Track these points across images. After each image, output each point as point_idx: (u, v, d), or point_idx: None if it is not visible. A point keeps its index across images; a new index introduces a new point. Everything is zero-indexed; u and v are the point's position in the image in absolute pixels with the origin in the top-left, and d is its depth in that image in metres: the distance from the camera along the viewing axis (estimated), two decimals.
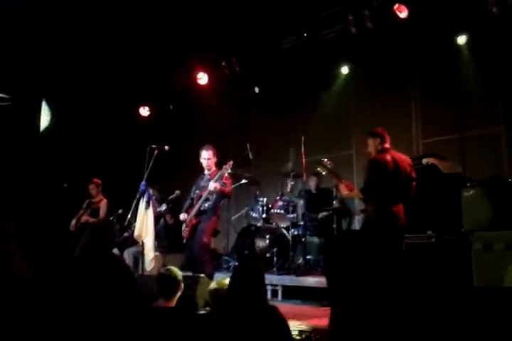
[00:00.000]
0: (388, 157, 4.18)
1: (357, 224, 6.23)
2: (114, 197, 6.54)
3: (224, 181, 4.78)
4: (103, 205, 6.18)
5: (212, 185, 4.68)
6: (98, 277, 1.66)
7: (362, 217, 5.36)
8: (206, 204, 4.81)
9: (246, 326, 2.13)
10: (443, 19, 5.42)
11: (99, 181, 6.32)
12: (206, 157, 4.95)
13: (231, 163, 4.82)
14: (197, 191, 4.97)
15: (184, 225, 4.89)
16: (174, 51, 6.96)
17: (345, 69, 6.60)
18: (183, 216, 4.90)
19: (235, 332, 2.13)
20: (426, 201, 4.71)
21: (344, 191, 4.41)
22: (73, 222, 6.11)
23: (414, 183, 4.28)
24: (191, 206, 4.92)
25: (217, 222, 5.00)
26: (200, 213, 4.81)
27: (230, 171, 4.80)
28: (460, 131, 5.59)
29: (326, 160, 4.51)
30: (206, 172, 5.02)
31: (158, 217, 5.71)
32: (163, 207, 5.83)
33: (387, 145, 4.25)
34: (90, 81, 7.46)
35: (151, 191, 5.14)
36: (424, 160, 4.94)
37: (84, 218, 6.03)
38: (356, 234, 4.32)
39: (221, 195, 4.81)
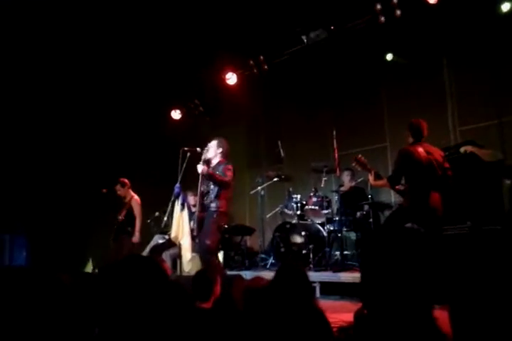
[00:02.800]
0: (420, 148, 4.15)
1: None
2: (149, 200, 6.67)
3: (224, 172, 4.58)
4: (134, 203, 5.94)
5: (200, 167, 4.52)
6: (135, 280, 1.71)
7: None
8: (210, 197, 4.60)
9: (291, 324, 2.12)
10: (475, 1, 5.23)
11: (123, 180, 6.13)
12: (208, 146, 4.81)
13: (227, 166, 4.67)
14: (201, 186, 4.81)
15: (192, 222, 4.79)
16: (202, 53, 7.02)
17: (375, 59, 6.45)
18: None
19: (279, 331, 2.13)
20: (465, 191, 4.57)
21: (372, 180, 4.38)
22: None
23: (449, 173, 4.20)
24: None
25: (223, 218, 4.65)
26: (204, 208, 4.63)
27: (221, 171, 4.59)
28: (498, 117, 5.37)
29: (360, 155, 4.45)
30: (205, 153, 4.82)
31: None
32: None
33: (420, 137, 4.23)
34: (123, 85, 7.63)
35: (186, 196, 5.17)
36: (462, 149, 4.80)
37: (120, 219, 5.87)
38: (393, 229, 4.27)
39: (214, 180, 4.56)
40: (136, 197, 6.09)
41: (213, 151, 4.79)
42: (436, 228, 4.05)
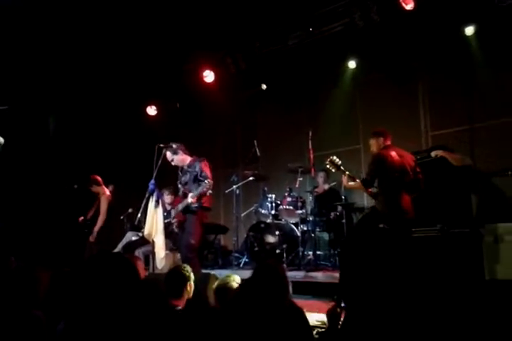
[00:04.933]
0: (393, 152, 4.25)
1: None
2: (123, 196, 6.58)
3: (204, 171, 4.55)
4: (103, 200, 5.84)
5: (189, 200, 4.43)
6: (106, 276, 1.68)
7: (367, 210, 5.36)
8: (193, 205, 4.55)
9: (267, 322, 2.13)
10: (449, 10, 5.37)
11: (94, 177, 6.00)
12: (169, 159, 4.80)
13: (204, 162, 4.66)
14: (179, 186, 4.84)
15: (172, 214, 4.75)
16: (180, 50, 6.97)
17: (351, 64, 6.56)
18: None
19: (255, 329, 2.13)
20: (435, 194, 4.69)
21: (346, 182, 4.45)
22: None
23: (420, 176, 4.29)
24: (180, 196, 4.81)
25: (205, 216, 4.68)
26: (186, 210, 4.60)
27: (200, 170, 4.54)
28: (469, 123, 5.54)
29: (334, 157, 4.50)
30: (180, 171, 4.86)
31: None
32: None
33: (388, 142, 4.36)
34: (97, 81, 7.51)
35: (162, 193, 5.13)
36: (433, 153, 4.92)
37: (89, 215, 5.87)
38: (366, 230, 4.34)
39: (204, 196, 4.51)
40: (107, 193, 5.99)
41: (177, 158, 4.77)
42: (406, 230, 4.14)
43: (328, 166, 4.53)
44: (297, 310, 2.19)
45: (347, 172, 4.42)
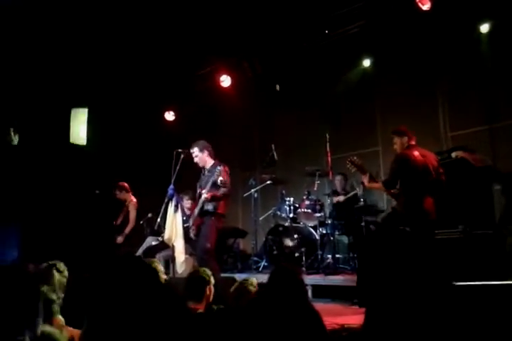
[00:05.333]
0: (416, 152, 4.17)
1: None
2: (143, 201, 6.66)
3: (222, 179, 4.57)
4: (131, 208, 6.05)
5: (204, 197, 4.56)
6: (127, 280, 1.72)
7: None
8: (207, 206, 4.67)
9: (284, 325, 2.13)
10: (466, 9, 5.32)
11: (122, 184, 6.21)
12: (193, 155, 4.84)
13: (225, 168, 4.67)
14: (198, 189, 4.86)
15: (190, 223, 4.80)
16: (196, 55, 7.04)
17: (369, 65, 6.53)
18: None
19: (273, 333, 2.14)
20: (456, 195, 4.63)
21: (367, 182, 4.38)
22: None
23: (443, 177, 4.23)
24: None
25: (220, 222, 4.75)
26: (203, 213, 4.68)
27: (221, 179, 4.54)
28: (488, 123, 5.45)
29: (354, 157, 4.47)
30: (203, 171, 4.89)
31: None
32: None
33: (413, 142, 4.26)
34: (116, 87, 7.62)
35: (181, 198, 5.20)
36: (453, 154, 4.86)
37: (118, 221, 6.06)
38: (386, 232, 4.30)
39: (219, 199, 4.63)
40: (134, 201, 6.15)
41: (201, 157, 4.82)
42: (429, 232, 4.08)
43: (348, 166, 4.49)
44: (314, 314, 2.18)
45: (368, 173, 4.36)
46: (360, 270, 4.47)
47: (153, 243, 6.24)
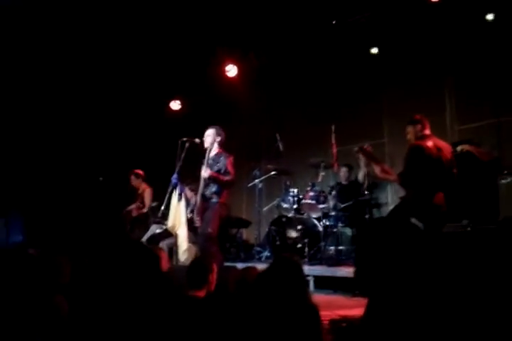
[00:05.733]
0: (430, 143, 4.04)
1: None
2: None
3: (227, 167, 4.59)
4: (146, 194, 6.33)
5: (205, 172, 4.53)
6: (128, 266, 1.73)
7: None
8: (211, 190, 4.61)
9: (278, 316, 2.15)
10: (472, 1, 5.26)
11: (138, 171, 6.46)
12: (206, 134, 4.77)
13: (230, 158, 4.68)
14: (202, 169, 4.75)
15: (195, 215, 4.75)
16: (203, 44, 7.01)
17: (375, 56, 6.46)
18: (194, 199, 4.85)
19: (267, 321, 2.16)
20: (461, 189, 4.60)
21: (379, 173, 4.24)
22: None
23: (455, 170, 4.16)
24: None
25: (224, 209, 4.71)
26: (205, 199, 4.64)
27: (224, 165, 4.57)
28: (495, 116, 5.39)
29: (366, 145, 4.37)
30: (208, 153, 4.78)
31: None
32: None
33: (427, 132, 4.12)
34: (122, 76, 7.62)
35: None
36: (459, 148, 4.81)
37: (134, 212, 6.31)
38: (391, 222, 4.28)
39: (220, 182, 4.57)
40: (149, 189, 6.40)
41: (211, 139, 4.76)
42: (439, 224, 4.05)
43: (359, 155, 4.38)
44: (311, 307, 2.19)
45: (381, 163, 4.22)
46: (358, 260, 4.44)
47: (157, 231, 6.28)
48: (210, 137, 4.76)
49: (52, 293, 1.77)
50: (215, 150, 4.79)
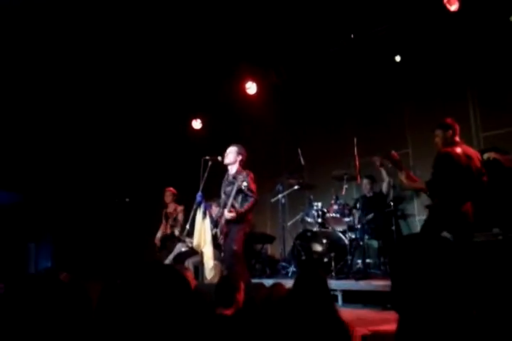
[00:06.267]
0: (459, 150, 3.96)
1: (418, 226, 6.05)
2: None
3: (250, 187, 4.55)
4: (180, 213, 6.47)
5: (228, 215, 4.50)
6: (156, 288, 1.75)
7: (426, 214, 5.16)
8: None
9: (311, 331, 2.13)
10: (495, 6, 5.21)
11: (172, 190, 6.64)
12: (228, 151, 4.76)
13: (250, 175, 4.65)
14: (222, 195, 4.80)
15: (219, 232, 4.75)
16: (222, 62, 7.12)
17: (397, 67, 6.44)
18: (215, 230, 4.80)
19: (298, 338, 2.14)
20: (490, 197, 4.50)
21: (405, 180, 4.15)
22: (158, 234, 6.47)
23: (485, 178, 4.06)
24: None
25: (248, 226, 4.73)
26: (229, 221, 4.62)
27: (245, 184, 4.49)
28: None
29: (393, 151, 4.32)
30: (229, 171, 4.80)
31: None
32: None
33: (457, 139, 4.05)
34: (145, 95, 7.79)
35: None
36: (486, 155, 4.71)
37: (167, 230, 6.40)
38: (423, 236, 4.19)
39: (243, 215, 4.54)
40: (179, 207, 6.58)
41: (233, 158, 4.77)
42: (467, 234, 3.95)
43: (385, 161, 4.28)
44: (340, 322, 2.16)
45: (405, 171, 4.14)
46: (394, 275, 4.33)
47: (183, 249, 6.33)
48: (232, 154, 4.78)
49: (85, 321, 1.80)
50: (235, 168, 4.79)
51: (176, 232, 6.59)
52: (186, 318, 1.77)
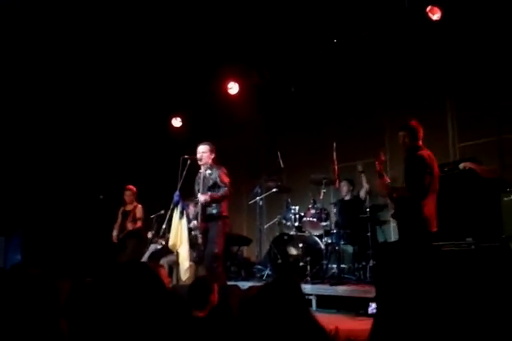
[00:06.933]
0: (428, 152, 3.97)
1: (392, 232, 6.12)
2: (148, 207, 6.66)
3: (222, 179, 4.67)
4: (139, 211, 6.28)
5: (202, 198, 4.61)
6: (130, 287, 1.70)
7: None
8: (211, 212, 4.68)
9: (285, 333, 2.11)
10: (473, 19, 5.33)
11: (134, 188, 6.44)
12: (201, 151, 4.83)
13: (223, 169, 4.78)
14: (198, 194, 4.82)
15: (198, 232, 4.77)
16: (205, 62, 7.07)
17: (376, 73, 6.52)
18: (193, 223, 4.83)
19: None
20: (464, 207, 4.58)
21: (380, 186, 4.20)
22: (114, 233, 6.28)
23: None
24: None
25: (227, 226, 4.81)
26: (207, 218, 4.68)
27: (218, 179, 4.66)
28: (497, 134, 5.41)
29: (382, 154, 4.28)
30: (202, 169, 4.87)
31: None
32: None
33: (421, 143, 4.05)
34: (124, 93, 7.67)
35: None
36: (461, 165, 4.81)
37: (130, 226, 6.19)
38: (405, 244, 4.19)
39: (219, 201, 4.64)
40: (139, 205, 6.36)
41: (207, 157, 4.85)
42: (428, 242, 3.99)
43: (379, 159, 4.25)
44: (312, 321, 2.15)
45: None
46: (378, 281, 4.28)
47: (158, 247, 6.26)
48: (206, 154, 4.85)
49: (54, 315, 1.74)
50: (208, 165, 4.87)
51: (149, 235, 6.49)
52: (158, 318, 1.73)
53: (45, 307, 1.64)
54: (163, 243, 6.01)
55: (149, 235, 6.48)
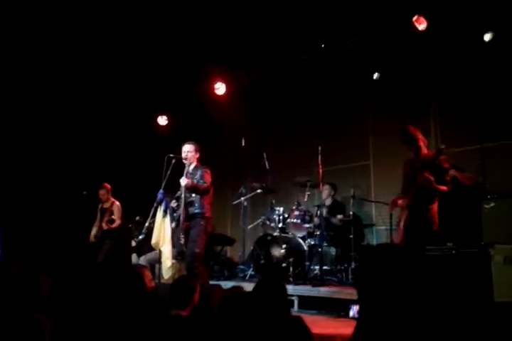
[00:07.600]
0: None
1: (375, 235, 6.19)
2: (132, 205, 6.61)
3: (204, 178, 4.78)
4: (116, 209, 6.19)
5: (183, 181, 4.68)
6: (111, 286, 1.69)
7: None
8: (193, 211, 4.73)
9: (270, 336, 2.13)
10: (460, 30, 5.42)
11: (109, 186, 6.33)
12: (187, 150, 4.90)
13: (207, 169, 4.88)
14: (181, 191, 4.88)
15: (181, 232, 4.78)
16: (192, 61, 7.05)
17: (362, 79, 6.59)
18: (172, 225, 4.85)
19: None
20: (445, 213, 4.65)
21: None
22: (93, 231, 6.21)
23: None
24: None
25: (209, 224, 4.84)
26: (189, 217, 4.73)
27: (202, 181, 4.76)
28: (479, 142, 5.51)
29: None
30: (186, 167, 4.92)
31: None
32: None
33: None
34: (109, 90, 7.60)
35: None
36: None
37: (104, 226, 6.09)
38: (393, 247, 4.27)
39: (197, 191, 4.72)
40: (117, 202, 6.24)
41: (192, 157, 4.92)
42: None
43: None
44: (298, 322, 2.18)
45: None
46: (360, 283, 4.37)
47: (133, 244, 6.23)
48: (191, 154, 4.92)
49: (33, 311, 1.72)
50: (194, 164, 4.94)
51: (133, 243, 6.41)
52: (139, 317, 1.72)
53: (28, 305, 1.62)
54: (141, 236, 5.91)
55: (133, 243, 6.36)
